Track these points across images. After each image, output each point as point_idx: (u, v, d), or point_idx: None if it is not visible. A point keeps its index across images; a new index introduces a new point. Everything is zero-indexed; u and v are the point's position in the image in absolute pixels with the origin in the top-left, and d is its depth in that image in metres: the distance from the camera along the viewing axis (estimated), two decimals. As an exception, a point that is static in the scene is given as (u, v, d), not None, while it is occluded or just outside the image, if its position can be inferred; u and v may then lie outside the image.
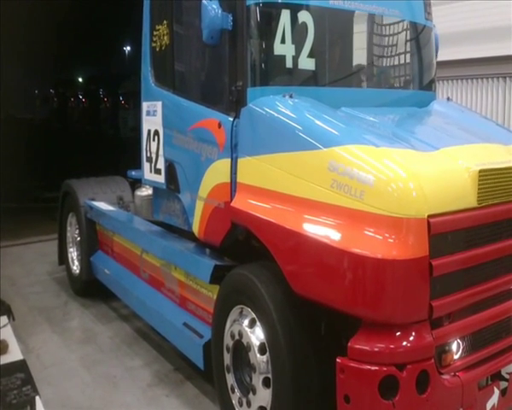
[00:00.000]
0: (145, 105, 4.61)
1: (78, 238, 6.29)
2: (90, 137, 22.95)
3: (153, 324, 4.83)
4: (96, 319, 5.65)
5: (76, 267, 6.37)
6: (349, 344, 2.75)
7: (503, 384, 3.18)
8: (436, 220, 2.71)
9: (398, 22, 4.12)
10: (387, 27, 4.13)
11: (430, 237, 2.68)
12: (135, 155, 5.14)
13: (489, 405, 3.04)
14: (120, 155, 6.98)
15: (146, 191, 5.62)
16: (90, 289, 6.12)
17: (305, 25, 3.53)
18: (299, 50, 3.51)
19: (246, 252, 3.71)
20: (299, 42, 3.50)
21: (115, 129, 23.70)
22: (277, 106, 3.32)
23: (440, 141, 3.26)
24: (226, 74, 3.63)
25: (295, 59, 3.51)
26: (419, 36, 4.23)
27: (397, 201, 2.69)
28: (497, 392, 3.11)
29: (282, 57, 3.48)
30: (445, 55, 4.44)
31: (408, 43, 4.23)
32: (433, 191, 2.76)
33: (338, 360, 2.77)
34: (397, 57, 4.19)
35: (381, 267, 2.67)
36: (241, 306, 3.40)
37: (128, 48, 29.75)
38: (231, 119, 3.55)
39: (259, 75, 3.48)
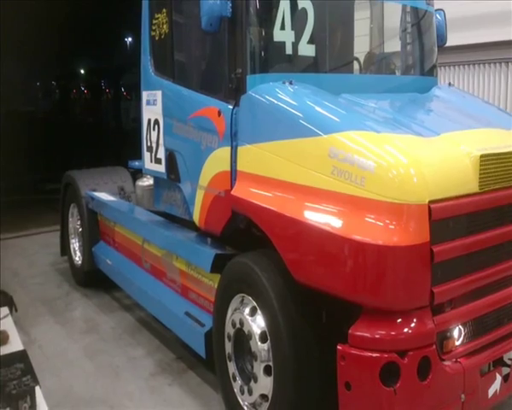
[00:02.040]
0: (145, 94, 4.58)
1: (80, 229, 6.29)
2: (92, 129, 22.92)
3: (155, 313, 4.84)
4: (98, 309, 5.66)
5: (78, 258, 6.37)
6: (350, 331, 2.74)
7: (505, 370, 3.15)
8: (437, 206, 2.69)
9: (398, 7, 4.07)
10: (388, 13, 4.09)
11: (431, 223, 2.66)
12: (136, 146, 5.09)
13: (491, 391, 3.03)
14: (122, 145, 6.93)
15: (147, 181, 5.62)
16: (92, 279, 6.13)
17: (304, 11, 3.49)
18: (298, 37, 3.48)
19: (247, 241, 3.70)
20: (298, 28, 3.47)
21: (117, 120, 23.71)
22: (277, 93, 3.29)
23: (442, 126, 3.23)
24: (225, 62, 3.60)
25: (295, 45, 3.48)
26: (420, 21, 4.18)
27: (398, 187, 2.66)
28: (499, 378, 3.10)
29: (282, 44, 3.45)
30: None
31: (409, 29, 4.20)
32: (434, 177, 2.73)
33: (339, 347, 2.76)
34: (398, 43, 4.15)
35: (382, 254, 2.65)
36: (242, 294, 3.40)
37: (129, 39, 29.67)
38: (231, 106, 3.53)
39: (259, 62, 3.45)
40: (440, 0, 4.36)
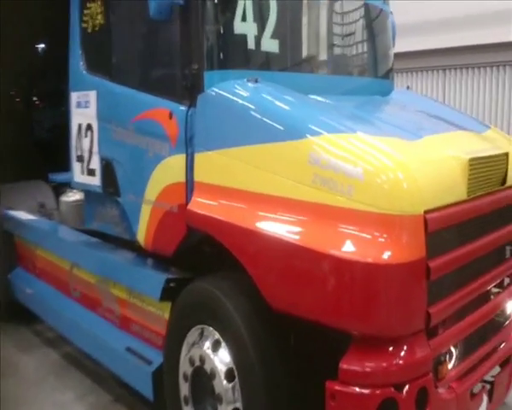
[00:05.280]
0: (75, 96, 3.98)
1: (-7, 254, 5.47)
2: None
3: (88, 350, 4.16)
4: (16, 348, 4.88)
5: (-10, 287, 5.53)
6: (340, 365, 2.33)
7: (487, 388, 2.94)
8: (433, 216, 2.38)
9: (358, 6, 3.80)
10: (347, 10, 3.80)
11: (427, 236, 2.34)
12: (55, 158, 4.68)
13: (479, 413, 2.77)
14: (37, 158, 6.26)
15: (73, 196, 4.96)
16: (8, 312, 5.32)
17: (267, 3, 3.12)
18: (261, 30, 3.09)
19: (194, 259, 3.25)
20: (261, 21, 3.09)
21: (28, 131, 22.09)
22: (242, 92, 2.87)
23: (421, 129, 2.98)
24: (178, 56, 3.14)
25: (258, 40, 3.09)
26: (379, 21, 3.93)
27: (390, 196, 2.33)
28: (485, 398, 2.89)
29: (244, 37, 3.04)
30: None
31: (368, 29, 3.95)
32: (427, 184, 2.44)
33: (328, 384, 2.35)
34: (359, 44, 3.88)
35: (373, 273, 2.29)
36: (202, 326, 2.91)
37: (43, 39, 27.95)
38: (185, 108, 3.05)
39: (218, 57, 3.03)
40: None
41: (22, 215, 5.13)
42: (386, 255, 2.28)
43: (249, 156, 2.74)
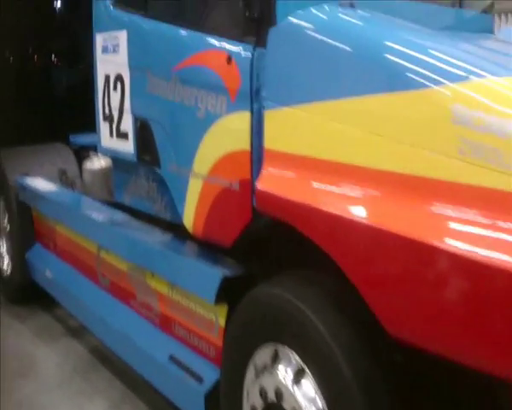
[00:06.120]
0: (100, 38, 3.18)
1: (8, 228, 4.77)
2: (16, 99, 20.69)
3: (119, 352, 3.43)
4: (35, 338, 4.20)
5: (6, 266, 4.86)
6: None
7: None
8: None
9: None
10: None
11: None
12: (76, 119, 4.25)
13: None
14: (56, 119, 5.69)
15: (99, 163, 4.22)
16: (26, 294, 4.67)
17: None
18: None
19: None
20: None
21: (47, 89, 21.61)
22: (335, 21, 2.03)
23: None
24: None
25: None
26: None
27: None
28: None
29: None
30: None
31: None
32: None
33: None
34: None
35: None
36: (276, 344, 2.14)
37: None
38: (249, 48, 2.23)
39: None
40: None
41: (40, 184, 4.40)
42: None
43: (349, 113, 1.91)
